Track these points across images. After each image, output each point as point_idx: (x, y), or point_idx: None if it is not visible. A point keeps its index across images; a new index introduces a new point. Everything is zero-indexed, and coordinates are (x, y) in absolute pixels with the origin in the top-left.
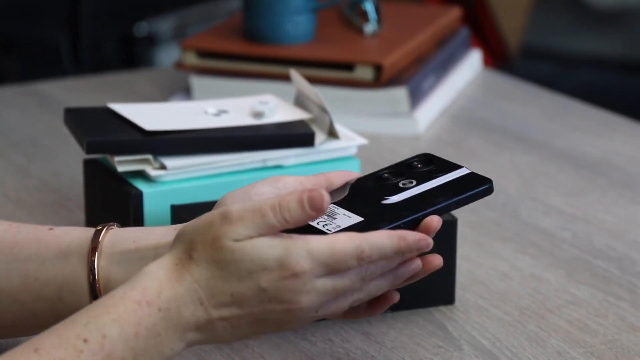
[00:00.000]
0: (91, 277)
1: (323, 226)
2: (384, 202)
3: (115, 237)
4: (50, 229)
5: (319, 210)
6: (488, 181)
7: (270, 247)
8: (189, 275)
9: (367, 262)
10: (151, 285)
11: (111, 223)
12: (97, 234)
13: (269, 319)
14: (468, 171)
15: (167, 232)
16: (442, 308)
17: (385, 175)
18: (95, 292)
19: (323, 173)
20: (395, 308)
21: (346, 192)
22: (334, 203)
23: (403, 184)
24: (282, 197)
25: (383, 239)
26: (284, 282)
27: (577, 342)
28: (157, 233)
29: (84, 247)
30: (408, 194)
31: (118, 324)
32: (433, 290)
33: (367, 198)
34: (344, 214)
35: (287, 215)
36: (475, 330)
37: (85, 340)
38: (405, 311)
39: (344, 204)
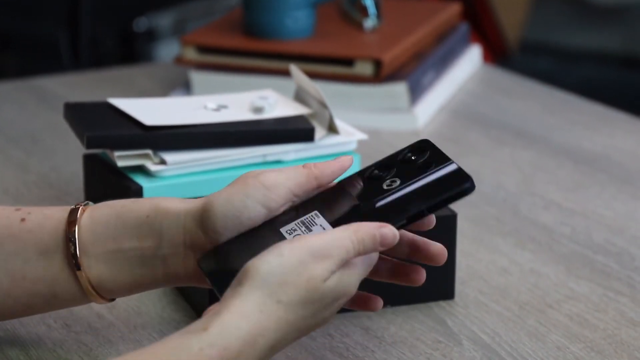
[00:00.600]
0: (72, 247)
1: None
2: (361, 209)
3: (92, 235)
4: (22, 220)
5: (389, 246)
6: (467, 180)
7: (349, 283)
8: (274, 323)
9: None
10: (233, 346)
11: (84, 202)
12: (71, 224)
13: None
14: (455, 167)
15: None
16: (442, 303)
17: (375, 172)
18: (77, 265)
19: (313, 174)
20: (395, 303)
21: (335, 195)
22: (318, 210)
23: (387, 185)
24: (357, 230)
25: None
26: (336, 307)
27: (577, 337)
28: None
29: (62, 243)
30: (386, 200)
31: None
32: (433, 285)
33: (348, 204)
34: (320, 225)
35: (362, 249)
36: (475, 325)
37: None
38: (405, 306)
39: (326, 209)
